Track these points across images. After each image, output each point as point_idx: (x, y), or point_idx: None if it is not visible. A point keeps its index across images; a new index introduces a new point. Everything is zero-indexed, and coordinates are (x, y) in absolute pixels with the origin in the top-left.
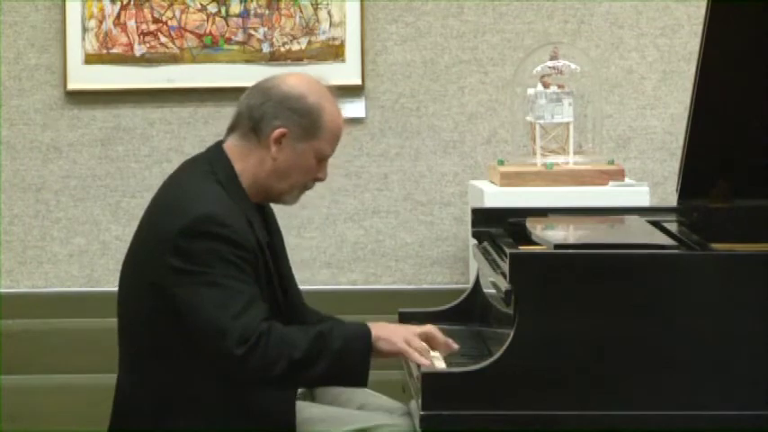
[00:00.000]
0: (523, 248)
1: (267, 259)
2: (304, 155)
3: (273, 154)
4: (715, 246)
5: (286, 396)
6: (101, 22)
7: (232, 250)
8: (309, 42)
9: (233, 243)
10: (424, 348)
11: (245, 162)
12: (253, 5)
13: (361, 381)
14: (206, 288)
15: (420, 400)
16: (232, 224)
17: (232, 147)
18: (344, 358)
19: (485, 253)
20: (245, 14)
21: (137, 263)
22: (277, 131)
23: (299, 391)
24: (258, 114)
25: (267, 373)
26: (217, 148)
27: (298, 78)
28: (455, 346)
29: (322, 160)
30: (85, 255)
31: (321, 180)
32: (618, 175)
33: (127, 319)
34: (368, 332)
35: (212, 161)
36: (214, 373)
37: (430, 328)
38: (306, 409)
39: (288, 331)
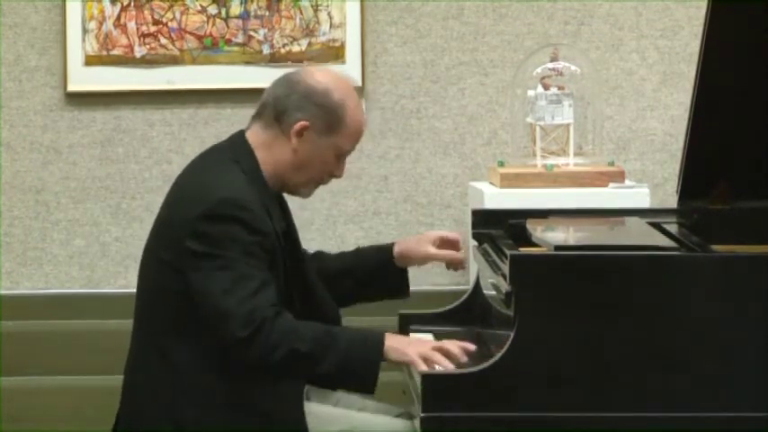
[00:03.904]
0: (524, 250)
1: (284, 248)
2: (324, 149)
3: (294, 146)
4: (715, 247)
5: (293, 394)
6: (101, 24)
7: (249, 235)
8: (310, 44)
9: (251, 228)
10: (442, 362)
11: (267, 151)
12: (253, 7)
13: (368, 386)
14: (218, 272)
15: (420, 402)
16: (252, 209)
17: (254, 135)
18: (352, 360)
19: (485, 254)
20: (245, 16)
21: (156, 248)
22: (299, 124)
23: None
24: (282, 106)
25: (268, 357)
26: (239, 137)
27: (325, 74)
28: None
29: (341, 157)
30: (85, 256)
31: (337, 177)
32: (618, 176)
33: (144, 305)
34: (380, 339)
35: (234, 149)
36: (223, 364)
37: (444, 345)
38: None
39: (296, 323)
